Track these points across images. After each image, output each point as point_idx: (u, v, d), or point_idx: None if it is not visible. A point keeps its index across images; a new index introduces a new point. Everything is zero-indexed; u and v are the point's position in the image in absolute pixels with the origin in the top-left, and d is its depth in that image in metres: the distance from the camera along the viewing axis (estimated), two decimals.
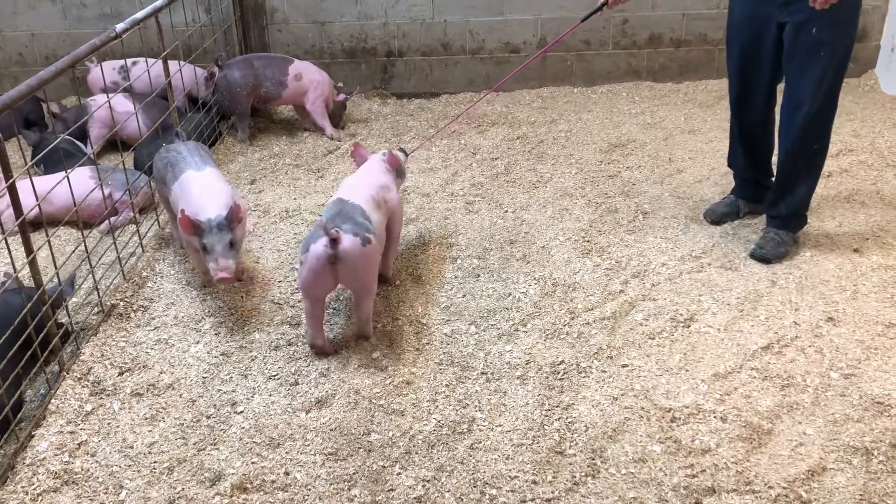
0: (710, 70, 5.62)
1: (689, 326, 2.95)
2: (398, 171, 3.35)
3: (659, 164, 4.35)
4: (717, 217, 3.73)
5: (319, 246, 2.69)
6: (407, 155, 3.60)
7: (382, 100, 5.61)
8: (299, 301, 3.19)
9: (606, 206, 3.91)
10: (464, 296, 3.23)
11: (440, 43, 5.55)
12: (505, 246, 3.60)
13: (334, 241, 2.67)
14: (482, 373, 2.77)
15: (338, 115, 5.04)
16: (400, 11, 5.45)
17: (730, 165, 3.81)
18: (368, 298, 2.88)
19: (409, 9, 5.44)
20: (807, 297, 3.10)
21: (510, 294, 3.23)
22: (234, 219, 2.92)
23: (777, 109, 3.41)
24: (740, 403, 2.56)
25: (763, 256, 3.38)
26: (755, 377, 2.67)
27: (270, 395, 2.70)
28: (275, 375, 2.79)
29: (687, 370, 2.73)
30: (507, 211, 3.92)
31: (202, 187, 3.10)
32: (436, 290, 3.26)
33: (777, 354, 2.78)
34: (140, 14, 3.65)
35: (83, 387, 2.75)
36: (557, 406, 2.60)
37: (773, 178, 3.58)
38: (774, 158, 3.55)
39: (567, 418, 2.54)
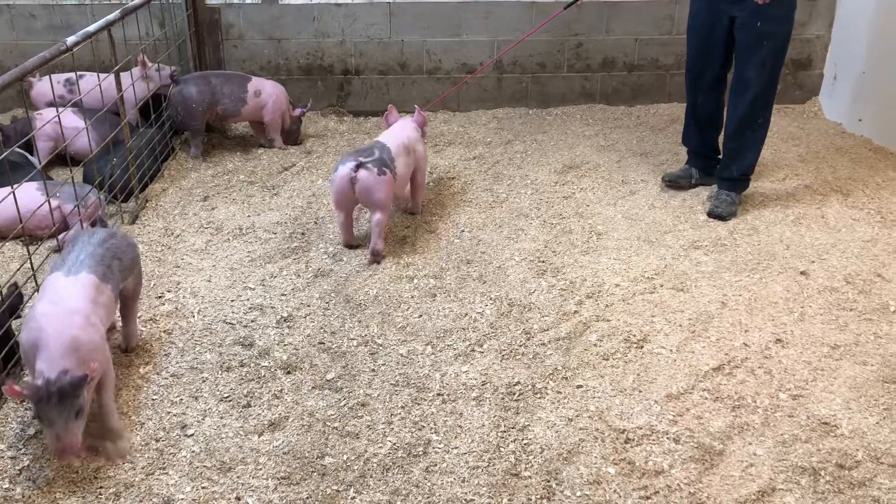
0: (662, 94, 5.74)
1: (643, 347, 2.99)
2: (424, 131, 4.15)
3: (612, 186, 4.42)
4: (671, 179, 4.36)
5: (345, 169, 3.53)
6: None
7: (339, 117, 5.60)
8: (252, 321, 3.15)
9: (561, 227, 3.95)
10: (420, 316, 3.22)
11: (397, 62, 5.56)
12: (461, 266, 3.60)
13: (357, 167, 3.48)
14: (438, 394, 2.76)
15: (294, 131, 5.01)
16: (357, 30, 5.46)
17: (684, 142, 4.45)
18: (381, 214, 3.58)
19: (367, 28, 5.45)
20: (756, 318, 3.16)
21: (466, 314, 3.23)
22: (83, 385, 2.24)
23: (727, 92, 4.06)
24: (692, 424, 2.59)
25: (720, 214, 4.00)
26: (707, 398, 2.71)
27: (222, 418, 2.64)
28: (226, 397, 2.74)
29: (640, 391, 2.76)
30: (463, 231, 3.93)
31: (50, 315, 2.35)
32: (392, 310, 3.24)
33: (728, 375, 2.83)
34: (92, 27, 3.58)
35: (26, 409, 2.65)
36: (513, 427, 2.60)
37: (718, 155, 4.23)
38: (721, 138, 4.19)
39: (523, 440, 2.54)
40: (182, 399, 2.73)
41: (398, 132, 3.92)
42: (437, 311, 3.25)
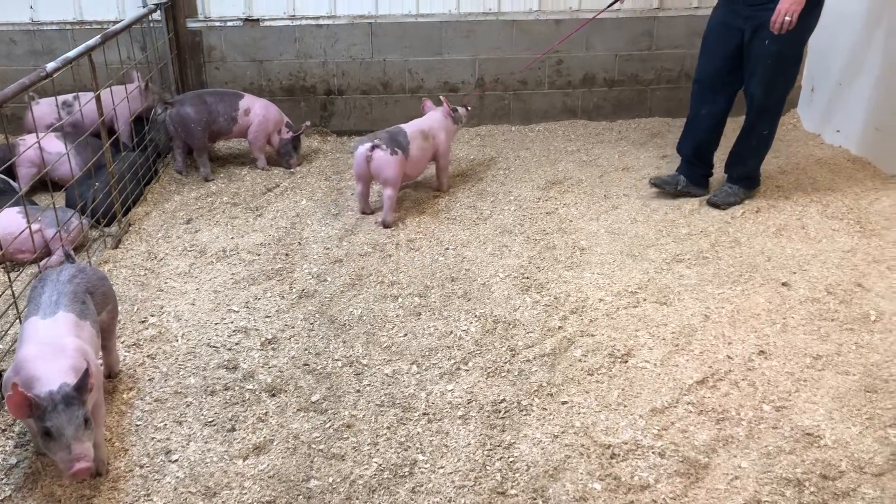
0: (643, 109, 5.79)
1: (627, 362, 3.00)
2: (454, 119, 4.56)
3: (595, 201, 4.44)
4: (658, 181, 4.44)
5: (363, 149, 4.09)
6: (468, 110, 4.78)
7: (322, 137, 5.61)
8: (236, 344, 3.14)
9: (545, 243, 3.97)
10: (405, 335, 3.22)
11: (380, 82, 5.59)
12: (446, 283, 3.61)
13: (373, 147, 4.03)
14: (424, 413, 2.75)
15: (286, 153, 5.01)
16: (339, 50, 5.48)
17: (678, 149, 4.52)
18: (391, 190, 4.10)
19: (349, 48, 5.48)
20: (739, 330, 3.18)
21: (451, 332, 3.23)
22: (86, 387, 2.24)
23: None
24: (677, 438, 2.60)
25: (714, 203, 4.27)
26: (691, 411, 2.72)
27: (206, 442, 2.63)
28: (211, 422, 2.72)
29: (625, 406, 2.76)
30: (447, 248, 3.94)
31: (38, 355, 2.31)
32: (377, 330, 3.24)
33: (712, 388, 2.84)
34: (72, 53, 3.58)
35: (7, 438, 2.63)
36: (499, 445, 2.59)
37: (712, 169, 4.47)
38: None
39: (509, 458, 2.54)
40: (166, 424, 2.72)
41: (423, 120, 4.45)
42: (422, 329, 3.25)
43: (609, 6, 4.60)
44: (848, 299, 3.38)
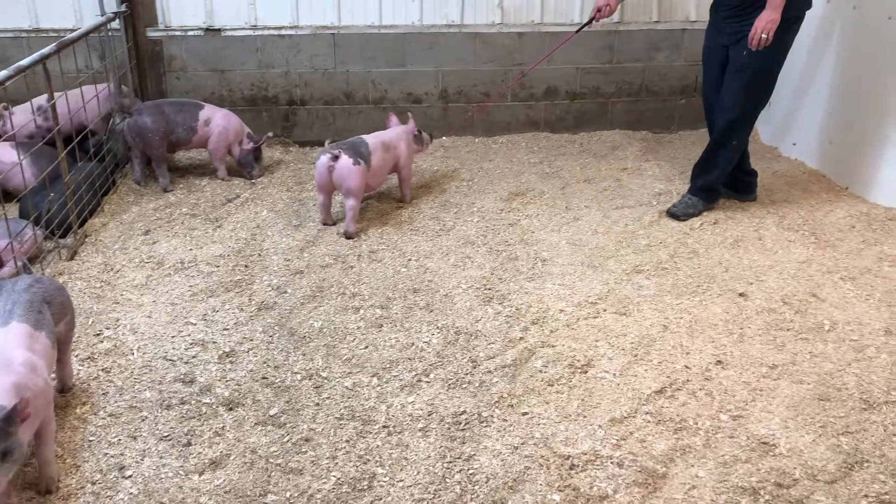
0: (604, 122, 5.86)
1: (587, 372, 3.02)
2: (416, 138, 4.64)
3: (556, 213, 4.47)
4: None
5: (323, 159, 4.08)
6: (432, 137, 4.89)
7: (285, 147, 5.57)
8: (193, 357, 3.09)
9: (507, 254, 3.98)
10: (366, 347, 3.20)
11: (342, 92, 5.58)
12: (408, 295, 3.60)
13: (334, 158, 4.03)
14: (384, 426, 2.74)
15: (247, 164, 4.96)
16: (301, 61, 5.46)
17: None
18: (353, 200, 4.12)
19: (311, 58, 5.46)
20: (697, 340, 3.22)
21: (413, 344, 3.22)
22: (16, 419, 2.09)
23: None
24: (636, 448, 2.61)
25: (674, 213, 4.38)
26: (650, 421, 2.74)
27: (161, 458, 2.58)
28: (166, 436, 2.67)
29: (585, 416, 2.78)
30: (410, 259, 3.93)
31: None
32: (337, 342, 3.22)
33: (670, 398, 2.87)
34: (26, 61, 3.52)
35: None
36: (459, 458, 2.59)
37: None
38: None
39: (468, 470, 2.54)
40: (120, 439, 2.66)
41: (385, 132, 4.51)
42: (383, 341, 3.24)
43: (587, 23, 4.65)
44: (803, 309, 3.44)
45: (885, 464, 2.54)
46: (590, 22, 4.56)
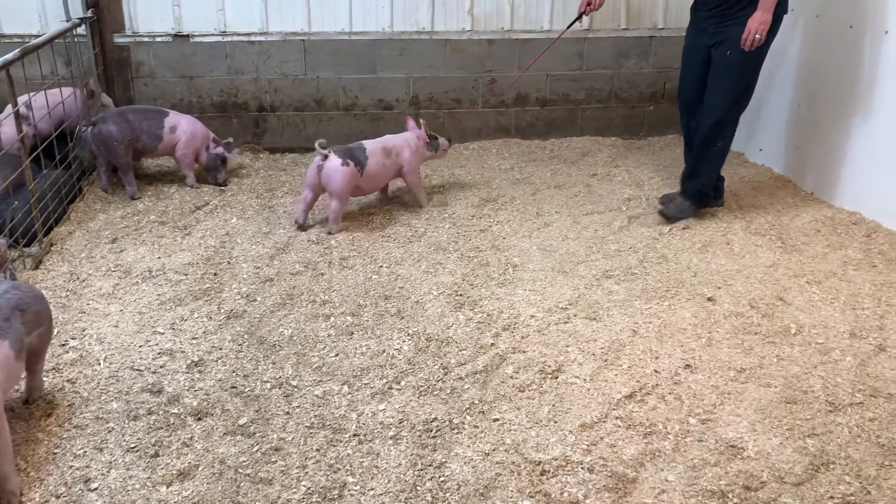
0: (574, 128, 5.90)
1: (557, 378, 3.03)
2: (430, 145, 4.61)
3: (527, 218, 4.49)
4: (667, 199, 4.55)
5: (316, 160, 4.15)
6: (450, 142, 4.85)
7: (255, 154, 5.54)
8: (161, 367, 3.05)
9: (478, 260, 3.98)
10: (337, 355, 3.18)
11: (313, 99, 5.56)
12: (380, 301, 3.59)
13: (324, 158, 4.11)
14: (354, 434, 2.72)
15: (213, 168, 4.93)
16: (271, 67, 5.43)
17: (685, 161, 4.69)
18: (337, 202, 4.19)
19: (281, 65, 5.43)
20: (666, 345, 3.24)
21: (384, 351, 3.21)
22: None
23: None
24: (606, 453, 2.62)
25: (664, 213, 4.43)
26: (620, 426, 2.76)
27: (128, 469, 2.54)
28: (133, 447, 2.63)
29: (555, 422, 2.78)
30: (381, 266, 3.92)
31: None
32: (307, 350, 3.20)
33: (640, 403, 2.89)
34: None
35: None
36: (430, 465, 2.58)
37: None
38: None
39: (440, 477, 2.53)
40: (86, 451, 2.62)
41: (390, 137, 4.52)
42: (354, 349, 3.22)
43: (571, 24, 4.77)
44: (770, 313, 3.49)
45: (851, 465, 2.58)
46: (580, 16, 4.60)
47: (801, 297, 3.63)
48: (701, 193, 4.45)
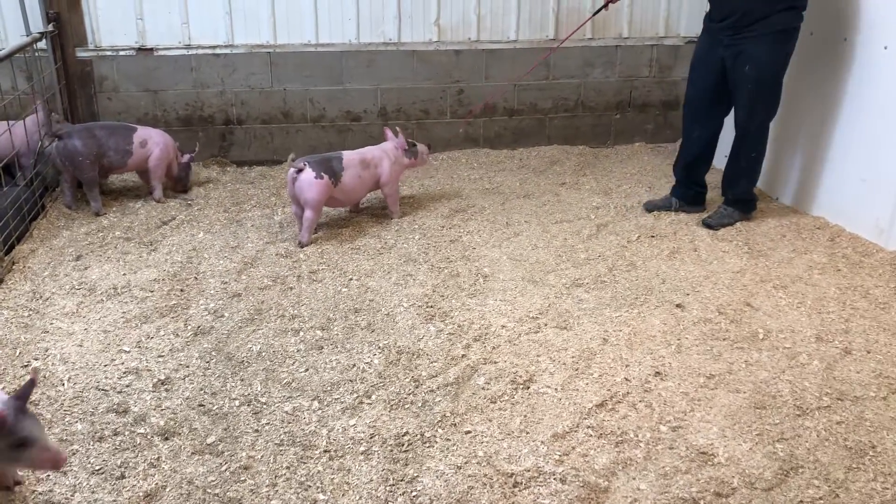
0: (542, 137, 5.93)
1: (529, 388, 3.02)
2: (408, 153, 4.61)
3: (497, 228, 4.50)
4: (651, 207, 4.70)
5: (291, 171, 4.16)
6: (430, 147, 4.86)
7: (221, 167, 5.49)
8: (127, 386, 3.00)
9: (449, 271, 3.98)
10: (306, 370, 3.15)
11: (280, 111, 5.52)
12: (349, 315, 3.56)
13: (299, 171, 4.11)
14: (325, 451, 2.69)
15: (183, 177, 4.88)
16: (237, 80, 5.39)
17: (673, 172, 4.79)
18: (311, 213, 4.17)
19: (247, 77, 5.40)
20: (636, 352, 3.25)
21: (354, 365, 3.18)
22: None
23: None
24: (578, 463, 2.62)
25: (708, 223, 4.48)
26: (591, 435, 2.76)
27: (93, 492, 2.49)
28: (98, 469, 2.58)
29: (527, 432, 2.78)
30: (351, 279, 3.90)
31: None
32: (276, 366, 3.16)
33: (611, 411, 2.89)
34: None
35: None
36: (402, 480, 2.56)
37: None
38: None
39: (412, 492, 2.51)
40: (49, 475, 2.56)
41: (369, 148, 4.52)
42: (324, 363, 3.19)
43: (597, 12, 4.91)
44: (738, 319, 3.52)
45: (819, 469, 2.60)
46: (606, 5, 4.70)
47: (768, 302, 3.67)
48: (744, 200, 4.53)
